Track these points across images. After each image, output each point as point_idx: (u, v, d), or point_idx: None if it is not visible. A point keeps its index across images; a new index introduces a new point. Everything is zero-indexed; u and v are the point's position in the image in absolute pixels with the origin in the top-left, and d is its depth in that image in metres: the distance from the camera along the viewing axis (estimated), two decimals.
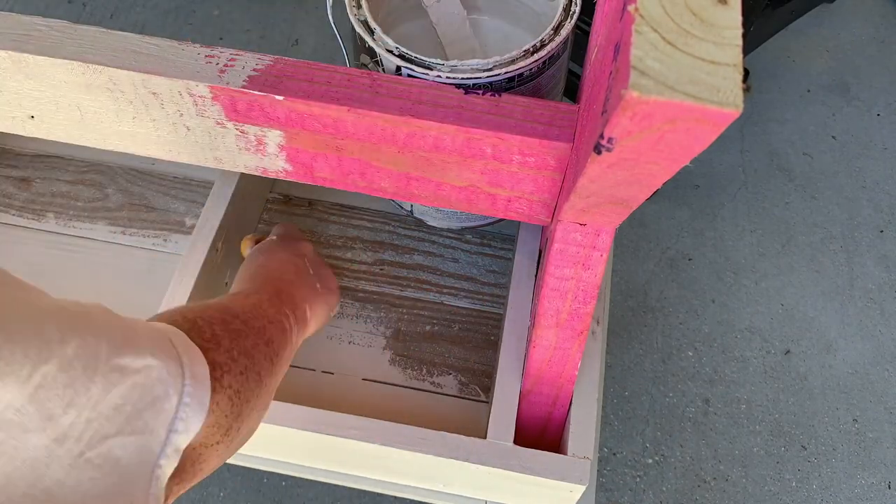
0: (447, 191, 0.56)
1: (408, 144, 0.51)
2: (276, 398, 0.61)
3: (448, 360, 0.72)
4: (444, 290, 0.76)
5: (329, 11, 0.62)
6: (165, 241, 0.79)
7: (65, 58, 0.51)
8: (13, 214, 0.80)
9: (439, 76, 0.54)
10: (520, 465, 0.59)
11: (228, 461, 0.73)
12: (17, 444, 0.26)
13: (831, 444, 1.11)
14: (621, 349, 1.18)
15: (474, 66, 0.54)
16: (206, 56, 0.52)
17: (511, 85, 0.56)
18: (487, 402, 0.69)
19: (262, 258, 0.62)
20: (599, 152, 0.31)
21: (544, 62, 0.56)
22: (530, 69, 0.56)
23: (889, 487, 1.08)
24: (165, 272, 0.75)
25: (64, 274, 0.76)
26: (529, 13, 0.67)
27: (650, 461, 1.09)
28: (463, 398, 0.71)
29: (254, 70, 0.51)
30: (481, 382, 0.71)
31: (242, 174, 0.75)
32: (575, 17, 0.57)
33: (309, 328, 0.58)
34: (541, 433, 0.66)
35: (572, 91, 0.73)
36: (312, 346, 0.73)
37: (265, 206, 0.82)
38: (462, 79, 0.54)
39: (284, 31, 1.57)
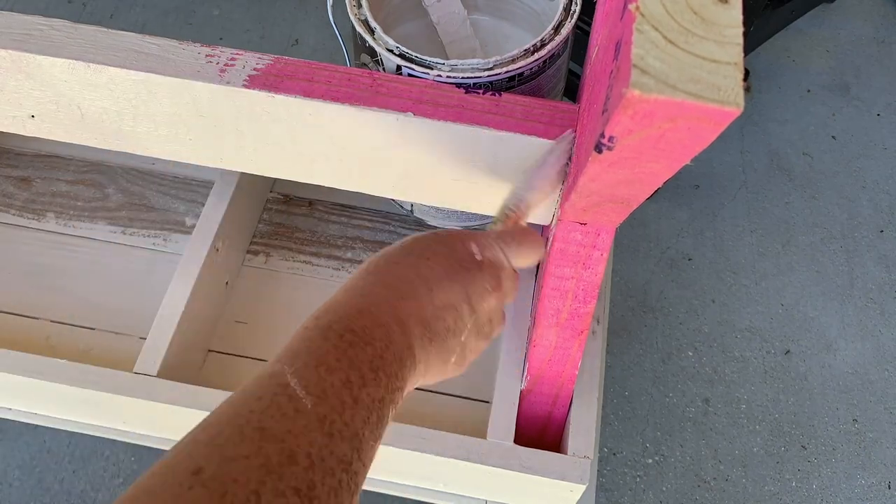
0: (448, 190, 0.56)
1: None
2: None
3: None
4: None
5: (329, 11, 0.62)
6: (165, 241, 0.79)
7: (65, 58, 0.51)
8: (13, 214, 0.80)
9: (440, 75, 0.54)
10: (520, 464, 0.59)
11: None
12: None
13: (831, 444, 1.11)
14: (621, 349, 1.18)
15: (475, 66, 0.54)
16: (206, 56, 0.52)
17: (511, 84, 0.56)
18: (487, 402, 0.69)
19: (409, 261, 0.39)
20: (600, 151, 0.31)
21: (544, 61, 0.56)
22: (530, 68, 0.56)
23: (889, 487, 1.08)
24: (165, 272, 0.75)
25: (64, 274, 0.76)
26: (529, 13, 0.67)
27: (650, 461, 1.09)
28: (463, 398, 0.70)
29: (254, 69, 0.51)
30: (481, 382, 0.71)
31: (242, 174, 0.75)
32: (575, 16, 0.57)
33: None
34: (541, 433, 0.66)
35: (572, 91, 0.73)
36: None
37: (265, 206, 0.82)
38: (462, 78, 0.54)
39: (284, 30, 1.57)
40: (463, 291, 0.39)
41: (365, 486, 0.77)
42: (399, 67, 0.55)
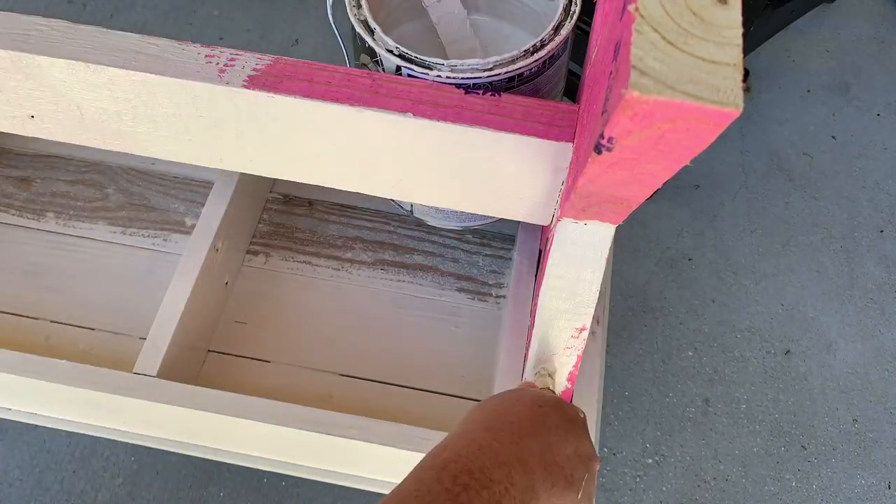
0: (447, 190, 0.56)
1: None
2: (277, 398, 0.61)
3: (448, 359, 0.72)
4: (444, 290, 0.76)
5: (329, 11, 0.62)
6: (165, 241, 0.79)
7: (65, 58, 0.51)
8: (13, 214, 0.80)
9: (439, 76, 0.54)
10: None
11: (228, 461, 0.73)
12: None
13: (831, 444, 1.11)
14: (621, 349, 1.18)
15: (474, 66, 0.54)
16: (206, 56, 0.52)
17: (511, 85, 0.56)
18: None
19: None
20: (600, 152, 0.31)
21: (544, 62, 0.56)
22: (530, 69, 0.56)
23: (889, 487, 1.08)
24: (165, 272, 0.75)
25: (64, 274, 0.76)
26: (529, 13, 0.67)
27: (650, 461, 1.09)
28: (463, 398, 0.71)
29: (254, 70, 0.51)
30: (481, 382, 0.71)
31: (242, 174, 0.75)
32: (575, 17, 0.57)
33: None
34: None
35: (572, 91, 0.73)
36: (312, 345, 0.73)
37: (265, 206, 0.82)
38: (462, 79, 0.54)
39: (284, 31, 1.57)
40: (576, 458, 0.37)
41: (365, 487, 0.77)
42: (399, 68, 0.55)
